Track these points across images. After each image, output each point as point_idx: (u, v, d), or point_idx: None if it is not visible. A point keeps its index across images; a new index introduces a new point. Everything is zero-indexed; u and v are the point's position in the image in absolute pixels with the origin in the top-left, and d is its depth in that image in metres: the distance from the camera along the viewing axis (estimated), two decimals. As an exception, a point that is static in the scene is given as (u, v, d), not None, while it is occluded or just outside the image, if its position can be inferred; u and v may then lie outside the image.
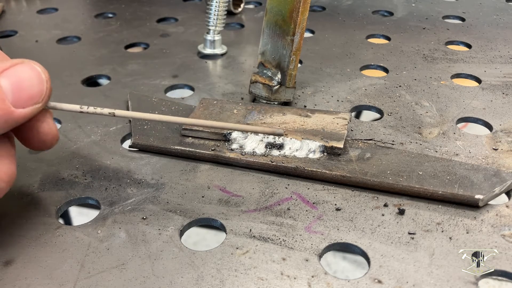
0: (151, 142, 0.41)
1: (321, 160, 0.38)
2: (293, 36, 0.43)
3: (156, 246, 0.32)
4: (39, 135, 0.32)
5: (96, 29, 0.68)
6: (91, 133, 0.43)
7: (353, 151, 0.39)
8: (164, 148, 0.40)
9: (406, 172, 0.36)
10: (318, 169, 0.37)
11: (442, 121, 0.44)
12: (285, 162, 0.38)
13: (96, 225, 0.33)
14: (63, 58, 0.60)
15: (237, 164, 0.39)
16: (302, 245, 0.31)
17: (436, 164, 0.37)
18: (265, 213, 0.34)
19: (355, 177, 0.36)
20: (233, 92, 0.50)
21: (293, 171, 0.38)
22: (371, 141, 0.41)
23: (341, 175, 0.36)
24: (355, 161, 0.38)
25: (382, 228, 0.33)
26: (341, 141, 0.39)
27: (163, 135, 0.41)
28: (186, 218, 0.34)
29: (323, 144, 0.39)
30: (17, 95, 0.29)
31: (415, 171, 0.36)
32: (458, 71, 0.53)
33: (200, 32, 0.64)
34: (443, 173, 0.36)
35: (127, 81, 0.53)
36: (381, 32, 0.64)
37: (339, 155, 0.38)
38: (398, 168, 0.37)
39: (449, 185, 0.35)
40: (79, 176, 0.38)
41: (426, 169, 0.37)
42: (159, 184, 0.37)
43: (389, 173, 0.36)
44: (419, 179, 0.36)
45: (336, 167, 0.37)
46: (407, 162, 0.37)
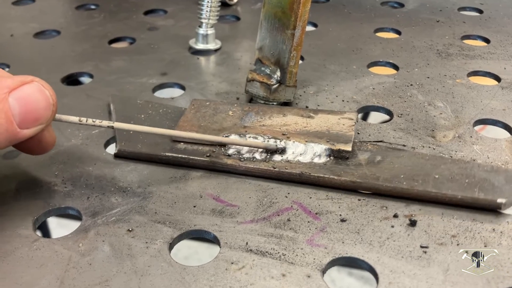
0: (139, 149, 0.40)
1: (328, 165, 0.38)
2: (294, 29, 0.43)
3: (143, 261, 0.32)
4: (40, 143, 0.35)
5: (77, 22, 0.69)
6: (71, 136, 0.44)
7: (362, 154, 0.39)
8: (154, 155, 0.40)
9: (421, 176, 0.37)
10: (326, 174, 0.37)
11: (457, 123, 0.44)
12: (289, 167, 0.38)
13: (77, 238, 0.34)
14: (40, 54, 0.60)
15: (236, 171, 0.39)
16: (303, 260, 0.32)
17: (452, 167, 0.37)
18: (263, 225, 0.34)
19: (366, 182, 0.37)
20: (227, 92, 0.51)
21: (297, 177, 0.38)
22: (381, 143, 0.41)
23: (351, 181, 0.37)
24: (365, 165, 0.38)
25: (392, 241, 0.33)
26: (349, 143, 0.39)
27: (151, 141, 0.41)
28: (176, 230, 0.34)
29: (330, 147, 0.39)
30: (24, 117, 0.32)
31: (431, 174, 0.37)
32: (475, 68, 0.54)
33: (191, 26, 0.64)
34: (461, 176, 0.36)
35: (111, 80, 0.53)
36: (391, 25, 0.65)
37: (347, 159, 0.39)
38: (412, 171, 0.37)
39: (468, 189, 0.35)
40: (58, 183, 0.38)
41: (442, 172, 0.37)
42: (147, 192, 0.38)
43: (402, 178, 0.37)
44: (436, 183, 0.36)
45: (344, 172, 0.37)
46: (422, 165, 0.38)
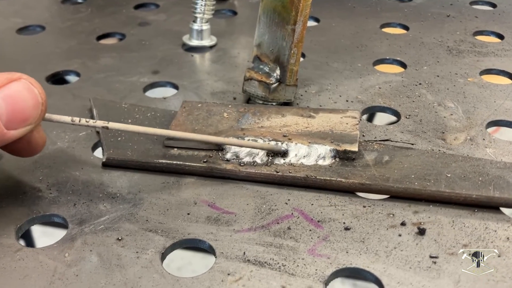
0: (129, 156, 0.40)
1: (334, 167, 0.38)
2: (295, 25, 0.43)
3: (133, 271, 0.32)
4: (29, 145, 0.35)
5: (63, 16, 0.69)
6: (57, 139, 0.44)
7: (369, 155, 0.40)
8: (147, 162, 0.40)
9: (432, 176, 0.37)
10: (332, 177, 0.37)
11: (469, 125, 0.44)
12: (293, 171, 0.38)
13: (63, 247, 0.34)
14: (24, 51, 0.60)
15: (236, 177, 0.39)
16: (305, 271, 0.32)
17: (464, 165, 0.38)
18: (261, 233, 0.34)
19: (375, 184, 0.37)
20: (224, 91, 0.51)
21: (302, 181, 0.38)
22: (387, 142, 0.42)
23: (359, 183, 0.37)
24: (373, 165, 0.38)
25: (399, 250, 0.33)
26: (355, 143, 0.39)
27: (142, 147, 0.41)
28: (169, 239, 0.34)
29: (334, 148, 0.39)
30: (11, 117, 0.31)
31: (443, 173, 0.37)
32: (488, 66, 0.54)
33: (185, 21, 0.64)
34: (474, 174, 0.37)
35: (99, 78, 0.53)
36: (398, 20, 0.65)
37: (353, 160, 0.39)
38: (422, 171, 0.38)
39: (482, 187, 0.36)
40: (43, 189, 0.38)
41: (454, 170, 0.38)
42: (137, 199, 0.37)
43: (413, 178, 0.37)
44: (449, 182, 0.36)
45: (352, 174, 0.38)
46: (432, 164, 0.38)
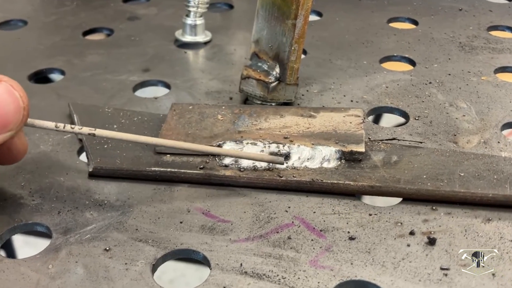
0: (118, 164, 0.40)
1: (340, 169, 0.39)
2: (295, 19, 0.44)
3: (122, 284, 0.32)
4: (10, 152, 0.35)
5: (46, 10, 0.69)
6: (40, 142, 0.44)
7: (376, 155, 0.40)
8: (138, 171, 0.40)
9: (445, 175, 0.37)
10: (340, 180, 0.38)
11: (483, 126, 0.45)
12: (297, 175, 0.38)
13: (47, 258, 0.34)
14: (5, 47, 0.60)
15: (236, 183, 0.39)
16: (306, 284, 0.32)
17: (477, 163, 0.39)
18: (259, 243, 0.35)
19: (386, 186, 0.37)
20: (219, 91, 0.51)
21: (308, 186, 0.38)
22: (394, 141, 0.42)
23: (369, 186, 0.37)
24: (381, 166, 0.39)
25: (408, 262, 0.33)
26: (361, 143, 0.40)
27: (132, 154, 0.41)
28: (160, 249, 0.34)
29: (340, 149, 0.39)
30: None
31: (455, 172, 0.38)
32: (503, 63, 0.54)
33: (178, 15, 0.64)
34: (488, 172, 0.38)
35: (86, 77, 0.54)
36: (407, 14, 0.65)
37: (360, 161, 0.39)
38: (434, 170, 0.38)
39: (498, 186, 0.36)
40: (25, 196, 0.38)
41: (467, 169, 0.38)
42: (126, 206, 0.38)
43: (425, 178, 0.37)
44: (462, 181, 0.37)
45: (360, 176, 0.38)
46: (443, 163, 0.39)
